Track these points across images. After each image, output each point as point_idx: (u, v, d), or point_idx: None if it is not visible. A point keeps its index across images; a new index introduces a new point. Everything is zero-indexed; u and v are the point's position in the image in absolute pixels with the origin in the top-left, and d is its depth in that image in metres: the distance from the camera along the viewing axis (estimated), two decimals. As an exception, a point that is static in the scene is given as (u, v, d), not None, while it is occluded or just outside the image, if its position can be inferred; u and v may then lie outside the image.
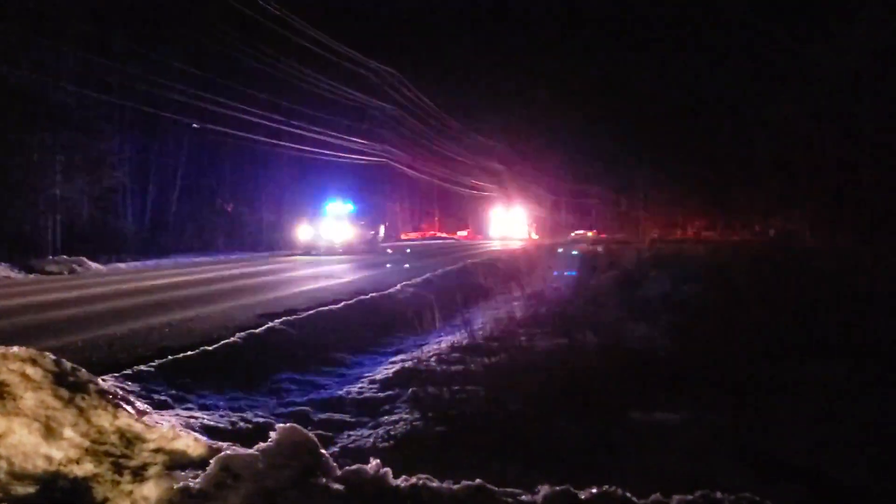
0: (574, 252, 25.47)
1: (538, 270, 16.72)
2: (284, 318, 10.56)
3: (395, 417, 6.28)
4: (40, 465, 3.91)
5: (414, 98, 49.70)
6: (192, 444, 4.19)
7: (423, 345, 9.61)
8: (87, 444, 4.07)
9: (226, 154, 37.39)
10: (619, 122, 63.85)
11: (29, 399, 4.20)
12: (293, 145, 37.22)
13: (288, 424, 4.03)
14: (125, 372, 7.03)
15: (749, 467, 5.15)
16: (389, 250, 37.63)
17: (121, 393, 4.77)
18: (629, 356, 8.06)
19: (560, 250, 27.49)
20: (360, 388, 7.56)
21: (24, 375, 4.34)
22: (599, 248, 29.52)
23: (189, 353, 8.15)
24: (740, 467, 5.14)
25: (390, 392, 7.17)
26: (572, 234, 73.41)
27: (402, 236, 74.08)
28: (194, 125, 33.68)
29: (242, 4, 29.76)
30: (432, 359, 8.30)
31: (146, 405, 5.06)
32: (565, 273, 16.47)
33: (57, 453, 3.97)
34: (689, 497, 3.88)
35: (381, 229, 44.52)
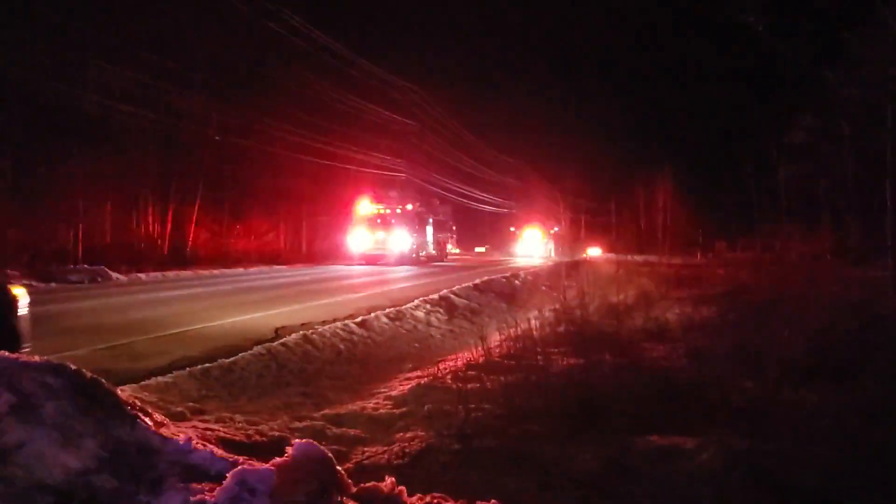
0: None
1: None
2: (301, 331, 10.60)
3: (410, 434, 6.27)
4: (58, 475, 3.93)
5: (434, 114, 49.85)
6: (208, 457, 4.21)
7: (438, 361, 9.61)
8: (105, 454, 4.10)
9: (247, 167, 37.64)
10: (639, 141, 63.96)
11: (49, 408, 4.23)
12: (315, 159, 37.40)
13: (304, 440, 4.05)
14: (144, 382, 7.09)
15: (766, 492, 5.11)
16: None
17: (139, 404, 4.80)
18: (646, 377, 8.01)
19: None
20: (376, 403, 7.56)
21: (44, 384, 4.38)
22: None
23: (207, 364, 8.21)
24: (757, 492, 5.10)
25: (405, 408, 7.17)
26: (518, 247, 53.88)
27: None
28: (216, 137, 33.93)
29: (267, 19, 30.06)
30: (448, 376, 8.29)
31: (164, 416, 5.10)
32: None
33: (75, 463, 4.00)
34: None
35: None
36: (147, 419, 4.50)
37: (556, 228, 60.30)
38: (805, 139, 23.69)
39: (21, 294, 7.74)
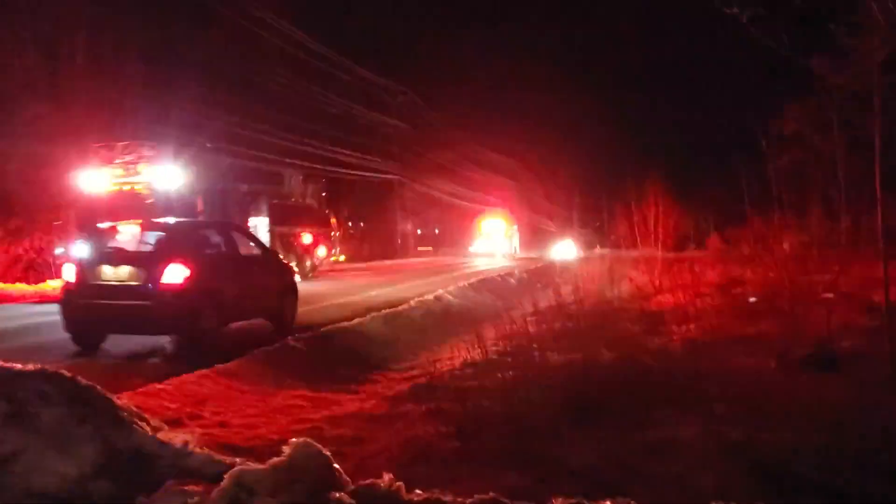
0: None
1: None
2: (298, 334, 10.58)
3: (409, 433, 6.27)
4: (55, 483, 3.92)
5: (425, 115, 49.53)
6: (205, 459, 4.20)
7: (436, 361, 9.60)
8: (101, 460, 4.08)
9: (240, 174, 37.46)
10: (627, 134, 63.71)
11: (44, 416, 4.22)
12: (305, 164, 37.23)
13: (301, 439, 4.04)
14: (140, 389, 7.08)
15: (764, 481, 5.12)
16: None
17: (136, 410, 4.79)
18: (643, 371, 8.02)
19: None
20: (374, 403, 7.56)
21: (39, 392, 4.36)
22: None
23: (203, 370, 8.19)
24: (755, 481, 5.11)
25: (404, 408, 7.17)
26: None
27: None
28: (207, 145, 33.82)
29: (252, 23, 29.99)
30: (446, 375, 8.29)
31: (160, 422, 5.08)
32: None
33: (72, 470, 3.99)
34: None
35: None
36: (144, 424, 4.49)
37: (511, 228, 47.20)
38: (794, 129, 23.75)
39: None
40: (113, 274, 9.85)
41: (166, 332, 10.14)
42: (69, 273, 10.26)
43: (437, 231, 61.31)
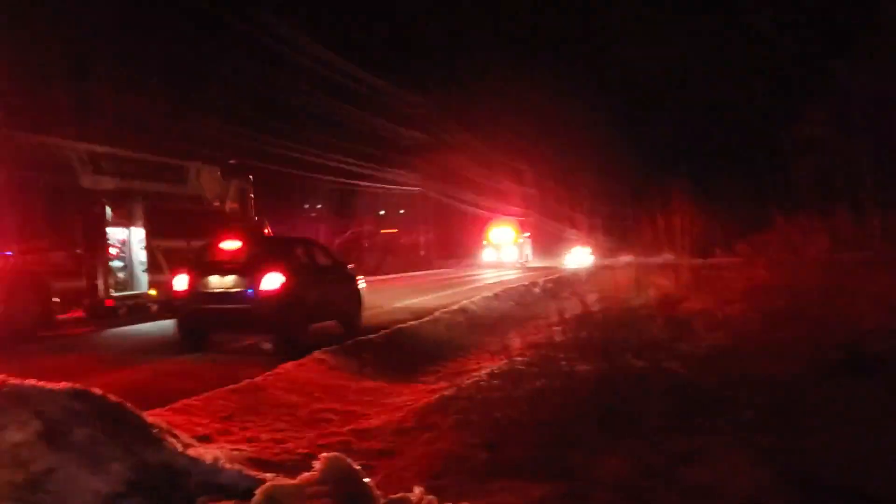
0: None
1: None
2: (324, 348, 10.61)
3: (437, 446, 6.25)
4: (88, 501, 3.95)
5: (444, 125, 49.46)
6: (236, 475, 4.21)
7: (462, 371, 9.59)
8: (133, 477, 4.11)
9: (266, 189, 37.67)
10: (654, 140, 63.31)
11: (76, 434, 4.25)
12: (330, 178, 37.46)
13: (331, 454, 4.04)
14: (170, 406, 7.13)
15: (798, 489, 5.05)
16: None
17: (166, 426, 4.81)
18: (671, 379, 7.95)
19: None
20: (402, 416, 7.55)
21: (70, 410, 4.40)
22: None
23: (232, 385, 8.24)
24: (789, 489, 5.04)
25: (431, 419, 7.15)
26: None
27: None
28: (231, 161, 34.05)
29: (272, 39, 30.23)
30: (472, 385, 8.26)
31: (191, 438, 5.11)
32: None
33: (104, 488, 4.01)
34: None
35: None
36: (174, 440, 4.51)
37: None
38: (819, 132, 23.56)
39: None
40: (219, 282, 11.53)
41: (264, 332, 11.84)
42: (181, 283, 11.81)
43: (458, 241, 60.97)
